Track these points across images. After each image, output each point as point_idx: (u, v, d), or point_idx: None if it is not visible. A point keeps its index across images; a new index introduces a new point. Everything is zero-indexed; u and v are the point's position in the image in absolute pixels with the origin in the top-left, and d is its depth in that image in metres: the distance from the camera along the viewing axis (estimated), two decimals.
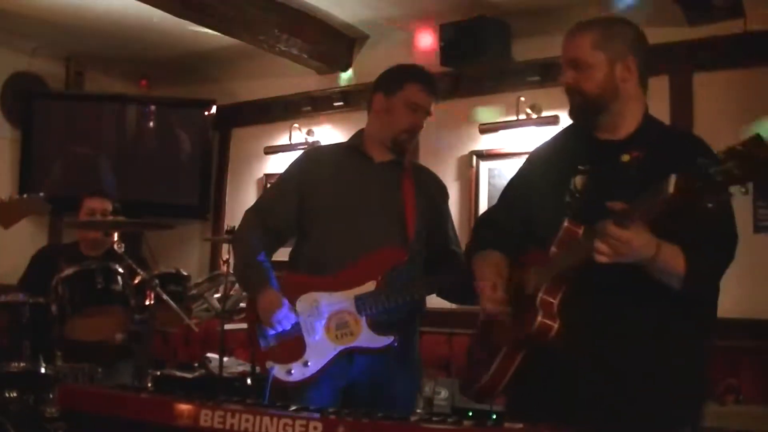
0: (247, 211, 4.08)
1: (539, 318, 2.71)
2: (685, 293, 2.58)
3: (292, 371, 3.66)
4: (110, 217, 5.37)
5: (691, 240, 2.56)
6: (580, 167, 2.88)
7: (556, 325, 2.70)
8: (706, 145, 2.81)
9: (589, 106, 2.85)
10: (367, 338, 3.68)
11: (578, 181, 2.87)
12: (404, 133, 3.89)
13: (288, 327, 3.67)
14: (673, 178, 2.27)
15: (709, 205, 2.27)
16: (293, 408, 2.55)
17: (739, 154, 2.19)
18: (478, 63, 6.57)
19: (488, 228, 3.26)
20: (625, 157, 2.76)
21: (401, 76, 3.95)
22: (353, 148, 4.01)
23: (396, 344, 3.67)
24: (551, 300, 2.73)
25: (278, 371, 3.66)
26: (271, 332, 3.68)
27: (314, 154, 4.28)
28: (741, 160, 2.18)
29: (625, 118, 2.85)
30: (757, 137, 2.22)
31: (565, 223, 2.74)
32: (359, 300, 3.70)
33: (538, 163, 3.15)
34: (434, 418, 2.43)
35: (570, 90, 2.89)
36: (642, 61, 2.85)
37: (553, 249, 2.76)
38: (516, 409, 2.97)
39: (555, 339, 2.71)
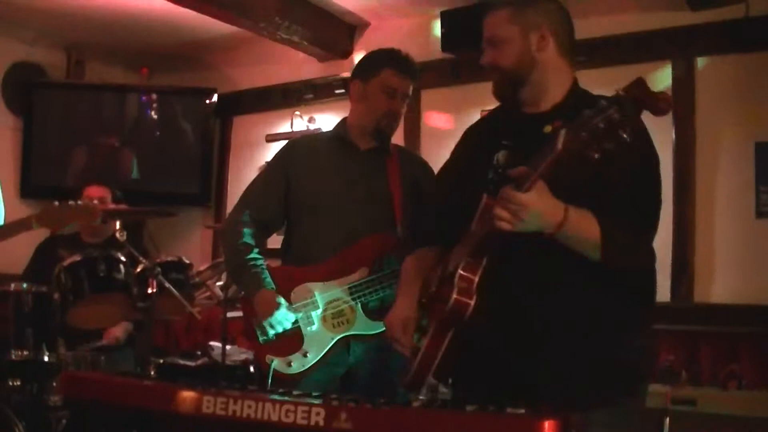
0: (235, 205, 4.09)
1: (454, 295, 2.69)
2: (606, 261, 2.55)
3: (292, 363, 3.68)
4: (111, 205, 5.39)
5: (606, 207, 2.54)
6: (503, 142, 2.86)
7: (472, 302, 2.68)
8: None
9: (509, 81, 2.85)
10: (363, 325, 3.71)
11: (501, 156, 2.84)
12: (384, 119, 3.89)
13: (288, 326, 3.68)
14: (562, 133, 2.32)
15: (596, 155, 2.29)
16: (296, 394, 2.56)
17: (620, 99, 2.26)
18: (478, 49, 6.52)
19: (422, 219, 3.31)
20: (547, 128, 2.65)
21: (376, 62, 3.96)
22: (338, 137, 4.02)
23: None
24: (470, 276, 2.70)
25: (278, 364, 3.68)
26: (272, 332, 3.69)
27: (298, 143, 4.28)
28: (621, 104, 2.24)
29: (548, 89, 2.83)
30: (640, 80, 2.29)
31: (484, 199, 2.70)
32: (353, 287, 3.72)
33: (468, 143, 3.15)
34: (436, 404, 2.43)
35: (490, 68, 2.90)
36: (561, 32, 2.84)
37: (473, 226, 2.74)
38: (460, 391, 2.98)
39: (473, 316, 2.68)
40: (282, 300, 3.71)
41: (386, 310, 3.70)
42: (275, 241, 4.08)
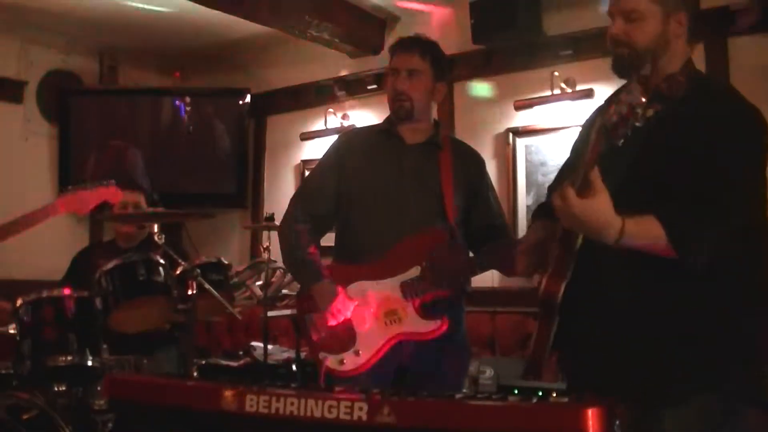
0: (291, 200, 4.11)
1: (544, 280, 2.72)
2: (683, 261, 2.50)
3: (345, 361, 3.71)
4: (147, 209, 5.42)
5: (674, 200, 2.52)
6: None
7: (560, 287, 2.67)
8: (730, 94, 2.77)
9: (636, 59, 2.74)
10: (415, 324, 3.70)
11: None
12: (391, 101, 3.94)
13: (348, 314, 3.70)
14: (598, 128, 2.43)
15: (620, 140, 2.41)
16: (338, 389, 2.56)
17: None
18: (509, 39, 6.53)
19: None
20: (649, 112, 2.63)
21: None
22: (386, 131, 4.01)
23: (444, 328, 3.67)
24: (560, 261, 2.71)
25: (331, 361, 3.70)
26: (333, 322, 3.70)
27: (349, 137, 4.28)
28: (630, 90, 2.42)
29: (665, 73, 2.73)
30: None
31: None
32: (405, 286, 3.71)
33: (583, 130, 3.11)
34: (479, 396, 2.43)
35: (617, 41, 2.78)
36: (692, 18, 2.77)
37: None
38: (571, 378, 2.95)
39: (569, 302, 2.67)
40: (340, 289, 3.74)
41: (438, 307, 3.72)
42: (327, 239, 4.10)
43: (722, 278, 2.60)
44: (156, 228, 4.96)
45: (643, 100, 2.39)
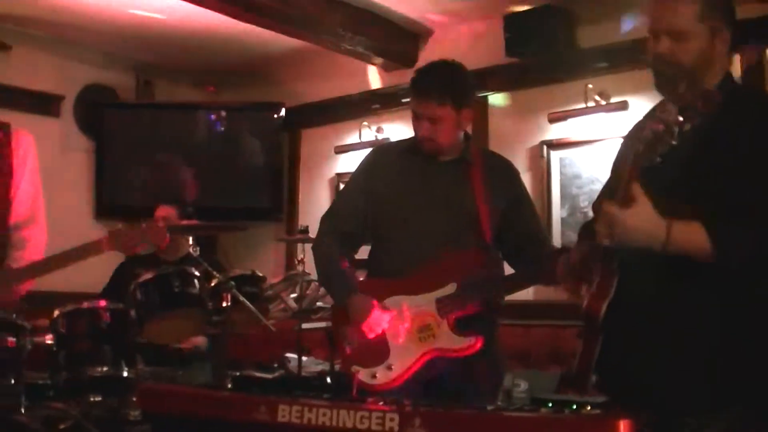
0: (322, 218, 4.11)
1: (587, 299, 2.69)
2: (725, 266, 2.47)
3: (377, 375, 3.69)
4: (175, 222, 5.46)
5: (717, 209, 2.48)
6: None
7: (604, 305, 2.63)
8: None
9: (683, 78, 2.67)
10: (448, 340, 3.68)
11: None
12: (420, 142, 3.87)
13: (385, 326, 3.70)
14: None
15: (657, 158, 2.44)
16: (370, 401, 2.56)
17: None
18: (543, 52, 6.53)
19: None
20: (686, 127, 2.69)
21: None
22: (416, 147, 3.97)
23: (478, 346, 3.66)
24: (602, 281, 2.67)
25: (363, 375, 3.69)
26: (371, 335, 3.71)
27: (379, 153, 4.25)
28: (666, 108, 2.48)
29: (702, 89, 2.66)
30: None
31: None
32: (440, 302, 3.69)
33: (621, 149, 3.05)
34: (511, 407, 2.43)
35: (662, 60, 2.72)
36: (733, 33, 2.73)
37: None
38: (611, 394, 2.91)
39: (614, 318, 2.64)
40: (375, 302, 3.74)
41: (472, 322, 3.70)
42: (362, 252, 4.10)
43: (761, 291, 2.56)
44: (191, 241, 4.99)
45: (680, 119, 2.40)
